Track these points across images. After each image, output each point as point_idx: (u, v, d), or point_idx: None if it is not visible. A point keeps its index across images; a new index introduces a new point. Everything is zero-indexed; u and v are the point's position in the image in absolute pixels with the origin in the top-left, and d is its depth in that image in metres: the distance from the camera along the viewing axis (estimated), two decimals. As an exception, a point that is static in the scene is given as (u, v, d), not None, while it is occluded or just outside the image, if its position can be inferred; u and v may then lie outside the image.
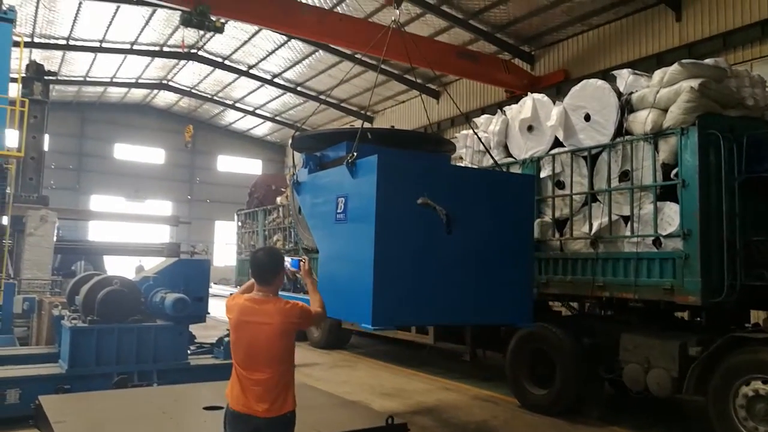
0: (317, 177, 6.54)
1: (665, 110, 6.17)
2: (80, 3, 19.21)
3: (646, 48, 14.56)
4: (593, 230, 6.77)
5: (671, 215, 6.01)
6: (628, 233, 6.46)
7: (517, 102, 8.47)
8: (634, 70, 7.42)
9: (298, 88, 25.70)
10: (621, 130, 6.65)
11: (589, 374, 6.94)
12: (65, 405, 5.13)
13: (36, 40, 21.57)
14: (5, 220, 11.44)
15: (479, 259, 5.94)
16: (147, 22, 21.34)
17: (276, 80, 25.44)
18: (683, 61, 6.33)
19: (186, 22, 12.98)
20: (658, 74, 6.45)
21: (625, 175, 6.58)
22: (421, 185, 5.59)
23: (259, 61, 23.91)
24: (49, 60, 22.73)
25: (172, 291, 6.88)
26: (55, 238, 13.47)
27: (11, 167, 11.71)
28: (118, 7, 19.59)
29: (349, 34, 14.89)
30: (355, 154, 5.66)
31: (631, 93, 6.64)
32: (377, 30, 10.10)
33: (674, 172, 6.02)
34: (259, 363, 3.30)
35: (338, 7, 17.62)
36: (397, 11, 7.58)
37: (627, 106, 6.60)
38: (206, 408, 4.99)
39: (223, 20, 14.47)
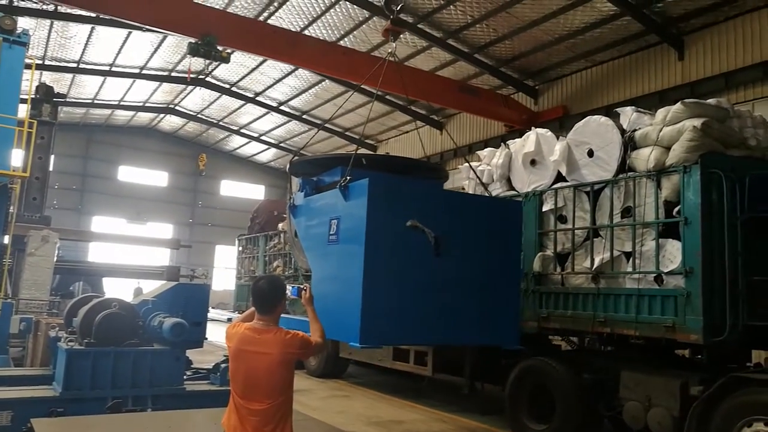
0: (312, 200, 6.76)
1: (668, 148, 6.21)
2: (93, 28, 19.51)
3: (648, 85, 14.72)
4: (595, 265, 6.76)
5: (673, 252, 6.00)
6: (629, 269, 6.45)
7: (517, 136, 8.57)
8: (637, 107, 7.48)
9: (304, 116, 25.95)
10: (624, 167, 6.70)
11: (588, 411, 6.84)
12: (57, 429, 5.06)
13: (47, 62, 21.88)
14: (6, 240, 11.44)
15: (467, 281, 6.13)
16: (156, 49, 21.65)
17: (282, 108, 25.70)
18: (686, 100, 6.40)
19: (193, 51, 13.28)
20: (661, 112, 6.51)
21: (627, 212, 6.59)
22: (411, 208, 5.82)
23: (266, 89, 24.18)
24: (59, 82, 23.03)
25: (170, 315, 6.82)
26: (55, 259, 13.45)
27: (15, 187, 11.76)
28: (130, 33, 19.88)
29: (351, 67, 15.09)
30: (348, 177, 5.89)
31: (635, 130, 6.70)
32: (388, 66, 10.34)
33: (676, 209, 6.04)
34: (257, 393, 3.27)
35: (345, 39, 17.90)
36: (394, 44, 7.89)
37: (630, 143, 6.66)
38: (201, 435, 4.93)
39: (228, 50, 14.76)
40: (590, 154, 7.14)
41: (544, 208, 7.54)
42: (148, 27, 15.20)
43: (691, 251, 5.79)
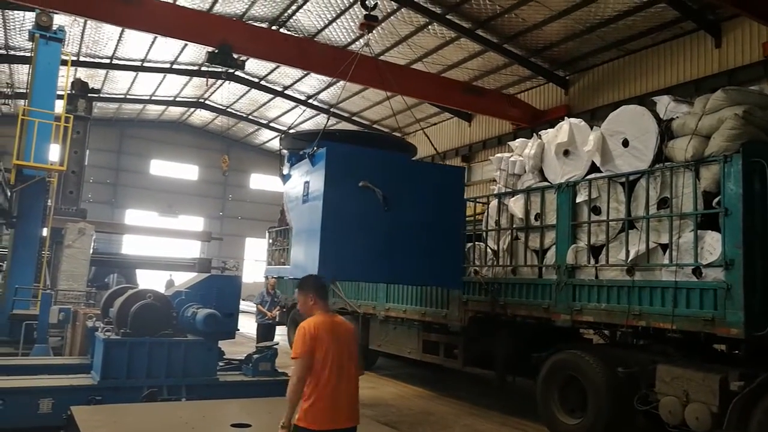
0: (294, 169, 8.01)
1: (707, 137, 6.04)
2: (124, 23, 19.83)
3: (683, 74, 14.34)
4: (630, 257, 6.62)
5: (712, 244, 5.84)
6: (666, 261, 6.30)
7: (521, 136, 8.72)
8: (672, 95, 7.30)
9: (332, 109, 25.98)
10: (660, 157, 6.53)
11: (622, 405, 6.73)
12: (96, 416, 5.16)
13: (82, 59, 22.31)
14: (45, 232, 11.72)
15: (413, 231, 7.37)
16: (186, 44, 21.90)
17: (310, 101, 25.77)
18: (727, 87, 6.22)
19: (211, 59, 14.15)
20: (700, 101, 6.33)
21: (664, 203, 6.43)
22: (364, 172, 7.10)
23: (295, 82, 24.29)
24: (93, 78, 23.47)
25: (203, 306, 6.92)
26: (91, 251, 13.74)
27: (53, 181, 12.03)
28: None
29: (359, 73, 15.34)
30: (315, 148, 7.20)
31: (672, 119, 6.53)
32: (387, 68, 11.12)
33: (716, 200, 5.87)
34: (350, 369, 3.72)
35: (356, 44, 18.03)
36: (368, 36, 9.09)
37: (667, 132, 6.49)
38: (234, 425, 4.98)
39: (243, 58, 15.56)
40: (625, 144, 6.99)
41: (578, 200, 7.41)
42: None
43: (732, 243, 5.63)
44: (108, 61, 23.19)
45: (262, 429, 5.02)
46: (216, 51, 13.94)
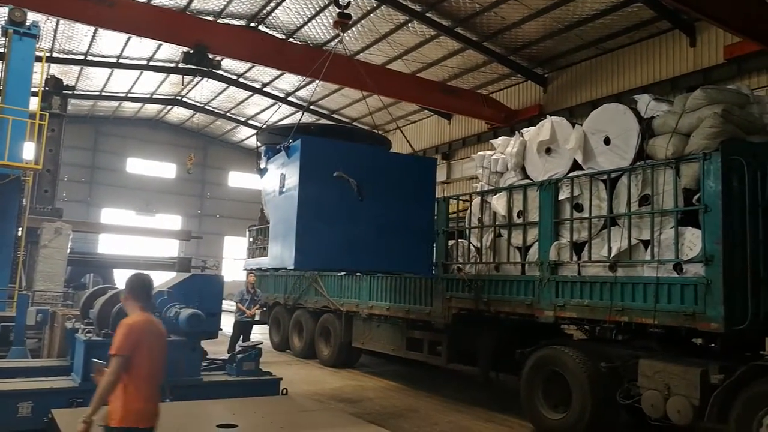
0: (270, 162, 8.15)
1: (687, 135, 6.15)
2: (99, 19, 19.48)
3: (660, 72, 14.56)
4: (612, 254, 6.72)
5: (693, 240, 5.95)
6: (648, 258, 6.40)
7: (501, 134, 8.85)
8: (652, 94, 7.41)
9: (311, 107, 25.85)
10: (641, 155, 6.63)
11: (605, 399, 6.82)
12: (78, 419, 5.07)
13: (55, 55, 21.85)
14: (20, 232, 11.48)
15: (386, 220, 7.58)
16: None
17: (289, 98, 25.62)
18: (705, 87, 6.33)
19: (187, 59, 14.18)
20: (679, 99, 6.44)
21: (645, 200, 6.53)
22: (338, 163, 7.26)
23: (273, 80, 24.10)
24: (67, 74, 23.00)
25: (186, 306, 6.83)
26: (68, 251, 13.50)
27: (28, 179, 11.79)
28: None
29: (336, 73, 15.38)
30: (290, 141, 7.38)
31: (652, 117, 6.63)
32: (364, 67, 11.32)
33: (696, 197, 5.98)
34: (161, 373, 3.83)
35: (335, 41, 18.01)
36: (342, 34, 9.12)
37: (648, 131, 6.59)
38: (220, 426, 4.94)
39: (219, 58, 15.56)
40: (607, 141, 7.08)
41: (560, 197, 7.49)
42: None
43: (712, 239, 5.74)
44: (82, 57, 22.74)
45: (249, 429, 4.99)
46: (191, 51, 13.98)
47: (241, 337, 11.93)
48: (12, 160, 9.50)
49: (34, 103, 12.15)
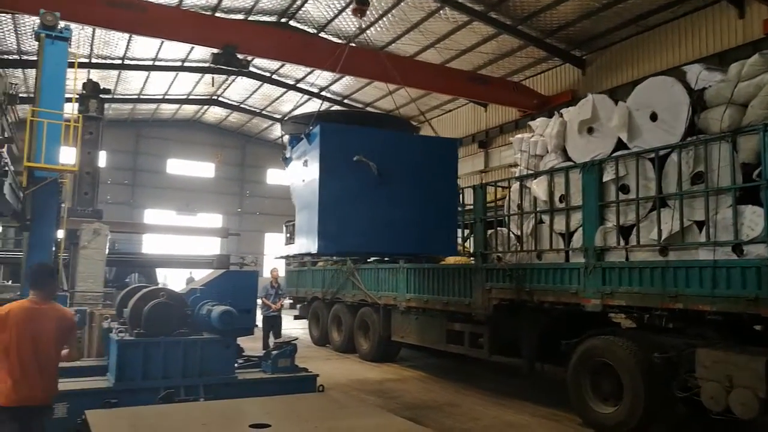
0: (294, 151, 8.36)
1: (744, 106, 5.67)
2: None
3: (706, 47, 13.85)
4: (663, 237, 6.28)
5: (754, 219, 5.49)
6: (703, 240, 5.94)
7: (530, 119, 8.63)
8: (703, 64, 6.90)
9: (345, 101, 25.71)
10: (692, 129, 6.17)
11: (660, 392, 6.40)
12: (111, 420, 4.98)
13: (94, 60, 22.27)
14: (60, 234, 11.62)
15: (408, 203, 7.63)
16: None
17: (323, 93, 25.53)
18: (764, 51, 5.81)
19: (216, 60, 14.35)
20: (734, 67, 5.96)
21: (698, 177, 6.08)
22: (357, 148, 7.31)
23: (306, 75, 24.05)
24: (106, 79, 23.41)
25: (219, 303, 6.71)
26: (107, 251, 13.66)
27: (66, 182, 11.91)
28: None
29: (363, 66, 15.23)
30: (311, 128, 7.50)
31: (704, 89, 6.16)
32: (390, 60, 11.17)
33: (756, 172, 5.51)
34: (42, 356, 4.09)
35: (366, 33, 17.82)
36: (360, 21, 9.45)
37: (699, 103, 6.12)
38: (252, 426, 4.76)
39: (249, 58, 15.81)
40: (653, 117, 6.63)
41: (605, 179, 7.07)
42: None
43: (775, 217, 5.27)
44: (119, 61, 23.13)
45: (283, 429, 4.80)
46: (220, 52, 14.11)
47: (271, 332, 11.97)
48: (48, 163, 9.51)
49: (70, 107, 12.24)
